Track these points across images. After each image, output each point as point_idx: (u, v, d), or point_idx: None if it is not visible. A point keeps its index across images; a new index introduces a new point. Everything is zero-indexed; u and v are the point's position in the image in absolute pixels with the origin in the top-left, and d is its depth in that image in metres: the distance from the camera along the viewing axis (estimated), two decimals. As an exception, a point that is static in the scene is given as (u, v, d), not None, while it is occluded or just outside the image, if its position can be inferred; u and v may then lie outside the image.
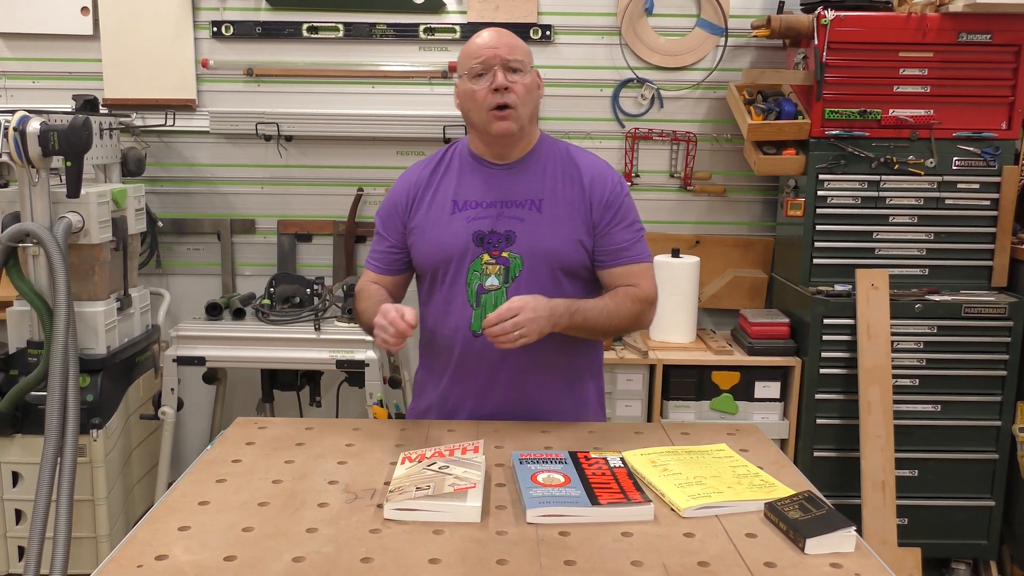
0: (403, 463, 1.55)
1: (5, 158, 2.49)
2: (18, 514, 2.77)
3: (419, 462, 1.54)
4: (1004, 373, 2.97)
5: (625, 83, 3.37)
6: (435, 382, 1.95)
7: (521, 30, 3.30)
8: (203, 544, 1.29)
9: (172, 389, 2.94)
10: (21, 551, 2.77)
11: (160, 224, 3.35)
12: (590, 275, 1.91)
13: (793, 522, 1.33)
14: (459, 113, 3.29)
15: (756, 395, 3.09)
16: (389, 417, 2.70)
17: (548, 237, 1.82)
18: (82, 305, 2.71)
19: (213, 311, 3.03)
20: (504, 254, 1.82)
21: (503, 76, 1.77)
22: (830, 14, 2.88)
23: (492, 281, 1.83)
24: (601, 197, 1.86)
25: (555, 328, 1.74)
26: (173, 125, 3.32)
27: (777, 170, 3.12)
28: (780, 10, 3.21)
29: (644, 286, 1.87)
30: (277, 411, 3.32)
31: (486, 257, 1.82)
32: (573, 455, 1.59)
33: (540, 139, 1.93)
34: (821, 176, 3.01)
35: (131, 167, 3.12)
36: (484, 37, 1.83)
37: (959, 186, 3.00)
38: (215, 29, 3.33)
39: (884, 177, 3.00)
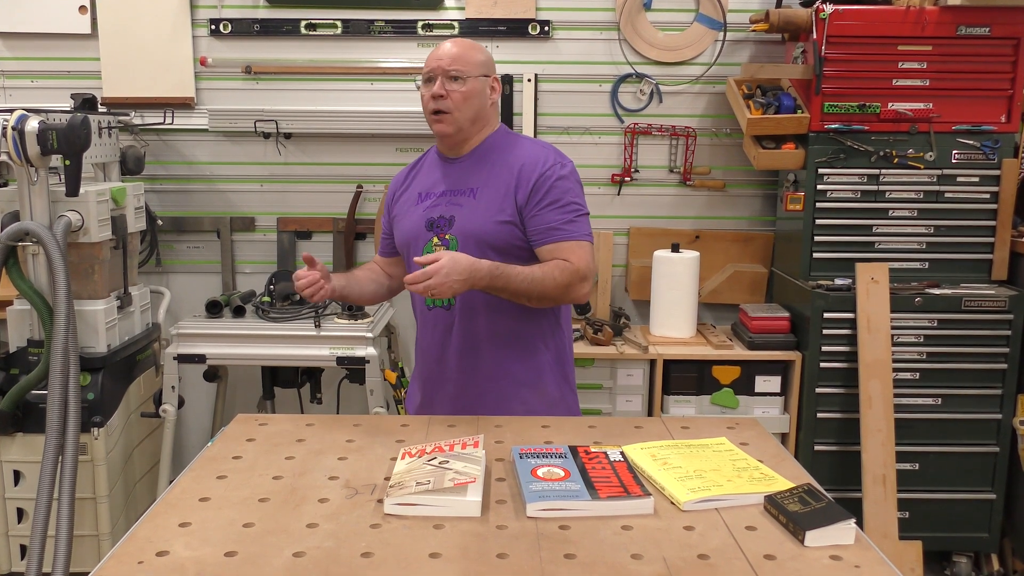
0: (403, 458, 1.55)
1: (4, 157, 2.49)
2: (20, 513, 2.78)
3: (419, 457, 1.54)
4: (1004, 366, 2.97)
5: (624, 78, 3.37)
6: (416, 352, 2.20)
7: (519, 26, 3.30)
8: (204, 540, 1.29)
9: (173, 387, 2.94)
10: (23, 550, 2.78)
11: (160, 222, 3.35)
12: (527, 253, 2.02)
13: (793, 515, 1.33)
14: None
15: (756, 389, 3.09)
16: (397, 380, 2.81)
17: (478, 219, 2.00)
18: (82, 304, 2.72)
19: (213, 309, 3.03)
20: (447, 236, 2.02)
21: (441, 84, 1.99)
22: (829, 8, 2.88)
23: None
24: (528, 181, 1.99)
25: (474, 286, 1.87)
26: (172, 123, 3.32)
27: (776, 164, 3.12)
28: (778, 4, 3.20)
29: (574, 260, 1.97)
30: (278, 408, 3.32)
31: (435, 240, 2.03)
32: (573, 449, 1.59)
33: (495, 133, 2.11)
34: (820, 170, 3.01)
35: (130, 165, 3.12)
36: (437, 49, 2.04)
37: (959, 179, 3.00)
38: (213, 27, 3.33)
39: (884, 171, 3.00)
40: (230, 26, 3.32)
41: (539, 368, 2.08)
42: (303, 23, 3.32)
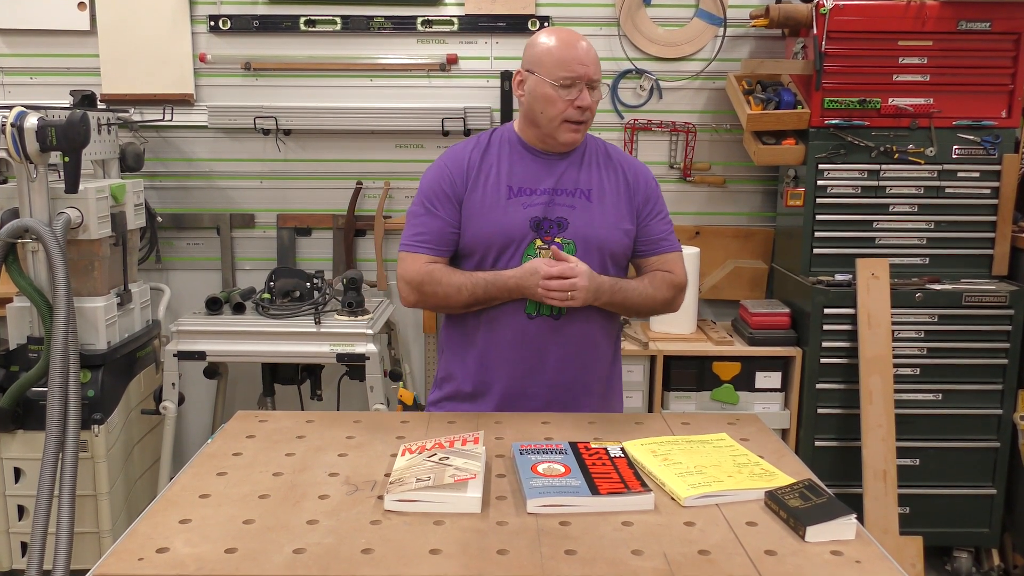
0: (403, 455, 1.55)
1: (3, 154, 2.49)
2: (20, 510, 2.78)
3: (419, 453, 1.54)
4: (1005, 361, 2.97)
5: (624, 74, 3.36)
6: (470, 363, 1.97)
7: (519, 21, 3.30)
8: (204, 537, 1.29)
9: (173, 384, 2.94)
10: (24, 547, 2.78)
11: (159, 219, 3.35)
12: (627, 263, 2.01)
13: (793, 510, 1.33)
14: (456, 106, 3.34)
15: (757, 385, 3.09)
16: (415, 400, 2.74)
17: (598, 225, 1.91)
18: (82, 301, 2.71)
19: (213, 306, 3.02)
20: (557, 239, 1.88)
21: (588, 96, 1.86)
22: (829, 3, 2.87)
23: None
24: (643, 191, 1.98)
25: (596, 302, 1.86)
26: (171, 120, 3.32)
27: (777, 160, 3.12)
28: (779, 0, 3.20)
29: (678, 273, 1.99)
30: (278, 405, 3.32)
31: (539, 242, 1.88)
32: (573, 445, 1.59)
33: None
34: (821, 166, 3.00)
35: (129, 162, 3.12)
36: (575, 50, 1.86)
37: (959, 175, 3.00)
38: (212, 23, 3.32)
39: (884, 166, 2.99)
40: (229, 22, 3.32)
41: (613, 378, 2.08)
42: (302, 19, 3.31)
